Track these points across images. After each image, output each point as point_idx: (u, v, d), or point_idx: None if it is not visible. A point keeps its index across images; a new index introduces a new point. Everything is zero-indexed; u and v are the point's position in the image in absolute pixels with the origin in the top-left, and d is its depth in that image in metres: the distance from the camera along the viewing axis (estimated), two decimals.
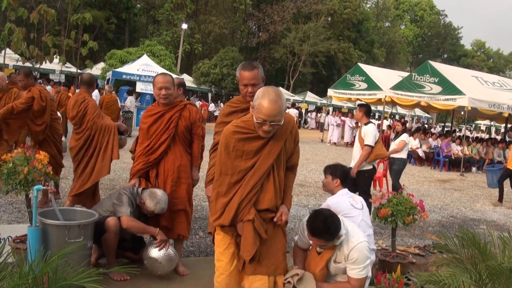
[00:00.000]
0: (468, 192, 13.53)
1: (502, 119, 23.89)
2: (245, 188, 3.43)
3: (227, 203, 3.46)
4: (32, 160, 4.42)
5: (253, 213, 3.41)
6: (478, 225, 9.11)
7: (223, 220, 3.46)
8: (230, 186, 3.46)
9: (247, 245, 3.40)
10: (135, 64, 23.77)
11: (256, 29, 56.44)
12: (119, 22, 46.00)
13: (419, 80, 19.64)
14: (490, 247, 4.21)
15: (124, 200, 4.62)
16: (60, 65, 21.37)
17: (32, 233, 3.96)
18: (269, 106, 3.25)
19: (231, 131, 3.47)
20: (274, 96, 3.28)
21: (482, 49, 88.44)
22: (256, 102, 3.31)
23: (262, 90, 3.34)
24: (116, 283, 4.44)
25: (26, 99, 6.64)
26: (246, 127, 3.48)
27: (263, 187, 3.47)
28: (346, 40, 54.28)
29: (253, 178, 3.43)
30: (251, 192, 3.43)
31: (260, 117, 3.28)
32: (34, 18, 13.55)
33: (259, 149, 3.46)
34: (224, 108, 4.45)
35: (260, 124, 3.31)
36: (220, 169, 3.50)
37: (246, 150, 3.45)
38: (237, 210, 3.42)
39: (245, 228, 3.40)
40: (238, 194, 3.43)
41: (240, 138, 3.44)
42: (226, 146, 3.46)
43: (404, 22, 77.67)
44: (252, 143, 3.45)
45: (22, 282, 2.65)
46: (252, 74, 4.10)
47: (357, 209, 4.76)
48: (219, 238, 3.60)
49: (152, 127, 4.87)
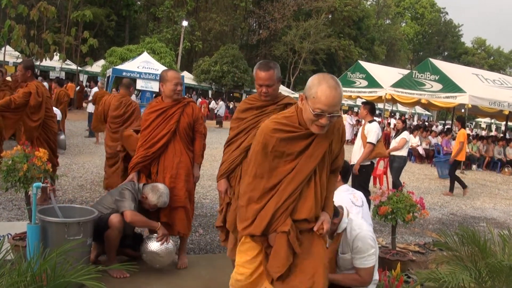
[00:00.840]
0: (468, 190, 13.52)
1: (503, 116, 23.89)
2: (282, 194, 2.97)
3: (259, 210, 3.01)
4: (31, 157, 4.41)
5: (289, 223, 2.96)
6: (478, 223, 9.10)
7: (253, 229, 3.03)
8: (264, 191, 3.01)
9: (278, 260, 2.97)
10: (135, 61, 23.77)
11: (256, 26, 56.39)
12: (119, 19, 45.97)
13: (420, 78, 19.64)
14: (490, 245, 4.21)
15: (127, 195, 4.62)
16: (60, 62, 21.42)
17: (32, 230, 3.96)
18: (329, 94, 2.78)
19: (271, 128, 2.99)
20: (333, 82, 2.82)
21: (482, 47, 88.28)
22: (311, 91, 2.83)
23: (317, 77, 2.88)
24: (115, 281, 4.44)
25: (24, 93, 6.62)
26: (289, 124, 3.01)
27: (302, 194, 3.01)
28: (347, 37, 54.27)
29: (292, 183, 2.97)
30: (289, 200, 2.97)
31: (318, 107, 2.79)
32: (34, 15, 13.57)
33: (302, 150, 3.00)
34: (241, 104, 4.45)
35: (317, 117, 2.82)
36: (255, 171, 3.03)
37: (288, 151, 2.99)
38: (271, 219, 2.97)
39: (278, 241, 2.97)
40: (274, 201, 2.98)
41: (282, 138, 2.97)
42: (264, 146, 2.99)
43: (404, 20, 77.59)
44: (296, 143, 2.99)
45: (21, 279, 2.64)
46: (267, 74, 4.07)
47: (357, 206, 4.76)
48: (247, 245, 3.19)
49: (154, 122, 4.87)
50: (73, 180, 8.82)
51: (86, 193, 7.93)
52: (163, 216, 4.83)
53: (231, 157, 4.23)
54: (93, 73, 35.17)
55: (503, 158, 20.14)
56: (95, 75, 34.16)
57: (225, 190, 4.29)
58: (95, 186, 8.52)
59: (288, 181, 2.96)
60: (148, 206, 4.68)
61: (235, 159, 4.20)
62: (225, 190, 4.30)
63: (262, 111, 4.21)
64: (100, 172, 9.74)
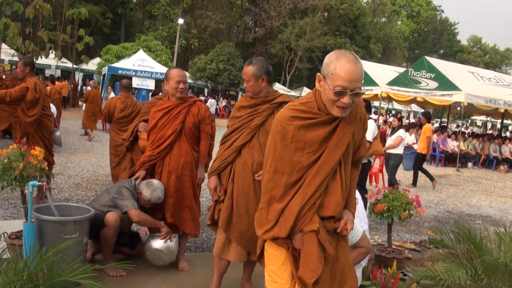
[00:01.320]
0: (464, 188, 13.56)
1: (498, 114, 23.93)
2: (307, 190, 2.69)
3: (282, 209, 2.72)
4: (27, 156, 4.40)
5: (317, 221, 2.69)
6: (474, 220, 9.13)
7: (278, 231, 2.73)
8: (287, 188, 2.73)
9: (311, 263, 2.67)
10: (131, 59, 23.77)
11: (252, 24, 56.31)
12: (115, 17, 45.83)
13: (416, 76, 19.65)
14: (486, 243, 4.22)
15: (126, 194, 4.63)
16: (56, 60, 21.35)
17: (28, 229, 3.95)
18: (349, 68, 2.55)
19: (288, 116, 2.73)
20: (352, 57, 2.60)
21: (478, 45, 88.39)
22: (329, 68, 2.61)
23: (335, 53, 2.67)
24: (111, 279, 4.43)
25: (21, 88, 6.61)
26: (307, 110, 2.75)
27: (328, 188, 2.74)
28: (343, 35, 54.24)
29: (318, 177, 2.69)
30: (315, 195, 2.69)
31: (339, 84, 2.56)
32: (30, 13, 13.53)
33: (325, 138, 2.72)
34: (238, 102, 4.41)
35: (338, 95, 2.58)
36: (275, 166, 2.75)
37: (309, 141, 2.70)
38: (296, 218, 2.69)
39: (307, 241, 2.69)
40: (298, 198, 2.70)
41: (301, 125, 2.70)
42: (282, 137, 2.72)
43: (400, 18, 77.60)
44: (317, 130, 2.71)
45: (17, 278, 2.64)
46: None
47: None
48: (272, 251, 2.87)
49: (160, 121, 4.82)
50: (69, 179, 8.81)
51: (82, 192, 7.92)
52: (169, 217, 4.78)
53: (223, 155, 4.18)
54: (88, 71, 35.09)
55: (498, 156, 20.21)
56: (91, 73, 34.11)
57: (214, 187, 4.23)
58: (91, 185, 8.51)
59: (313, 175, 2.70)
60: (142, 201, 4.68)
61: (227, 157, 4.15)
62: (214, 188, 4.23)
63: (255, 110, 4.16)
64: (96, 170, 9.73)
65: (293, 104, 2.82)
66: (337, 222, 2.78)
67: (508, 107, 18.96)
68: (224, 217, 4.12)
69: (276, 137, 2.75)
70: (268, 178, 2.77)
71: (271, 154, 2.77)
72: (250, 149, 4.11)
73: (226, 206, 4.12)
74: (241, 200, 4.10)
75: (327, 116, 2.71)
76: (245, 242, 4.11)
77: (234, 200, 4.12)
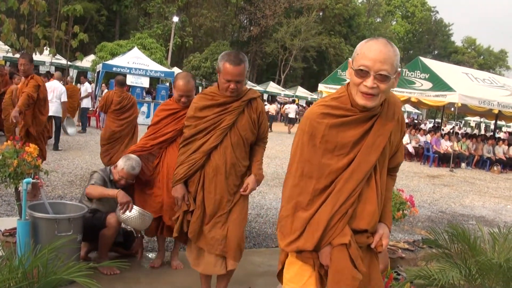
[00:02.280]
0: (457, 188, 13.60)
1: (492, 115, 24.05)
2: (338, 197, 2.39)
3: (309, 218, 2.42)
4: (21, 153, 4.38)
5: (348, 233, 2.38)
6: (467, 221, 9.16)
7: (304, 243, 2.42)
8: (315, 195, 2.44)
9: (343, 282, 2.36)
10: (126, 56, 23.65)
11: (247, 23, 56.31)
12: (109, 14, 45.74)
13: (410, 76, 19.71)
14: (480, 243, 4.24)
15: (94, 176, 4.70)
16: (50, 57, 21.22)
17: (22, 226, 3.93)
18: (376, 47, 2.29)
19: (318, 113, 2.44)
20: (383, 39, 2.35)
21: (472, 46, 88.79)
22: (356, 50, 2.38)
23: (367, 38, 2.41)
24: (105, 277, 4.42)
25: (34, 86, 6.62)
26: (340, 106, 2.45)
27: (361, 196, 2.43)
28: (337, 35, 54.38)
29: (350, 182, 2.40)
30: (347, 202, 2.39)
31: (362, 63, 2.29)
32: (25, 9, 13.45)
33: (359, 139, 2.44)
34: (198, 100, 3.92)
35: (361, 76, 2.31)
36: (301, 170, 2.46)
37: (341, 142, 2.42)
38: (325, 229, 2.39)
39: (336, 257, 2.38)
40: (328, 205, 2.40)
41: (332, 124, 2.41)
42: (311, 136, 2.43)
43: (395, 18, 77.81)
44: (350, 130, 2.43)
45: (12, 276, 2.63)
46: (238, 69, 3.68)
47: None
48: (294, 268, 2.56)
49: (163, 120, 4.69)
50: (62, 176, 8.78)
51: (76, 189, 7.89)
52: (167, 219, 4.58)
53: (190, 160, 3.81)
54: (83, 68, 34.97)
55: (492, 156, 20.29)
56: (85, 70, 33.99)
57: (182, 196, 3.88)
58: (85, 182, 8.47)
59: (345, 180, 2.40)
60: (117, 176, 4.67)
61: (195, 162, 3.79)
62: (182, 197, 3.88)
63: (225, 109, 3.81)
64: (90, 168, 9.69)
65: (323, 100, 2.53)
66: (371, 236, 2.48)
67: (502, 108, 19.05)
68: (195, 228, 3.85)
69: (304, 137, 2.47)
70: (294, 183, 2.48)
71: (297, 156, 2.49)
72: (222, 150, 3.79)
73: (197, 216, 3.84)
74: (213, 207, 3.83)
75: (362, 113, 2.43)
76: (221, 247, 3.84)
77: (206, 208, 3.84)
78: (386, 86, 2.31)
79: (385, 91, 2.33)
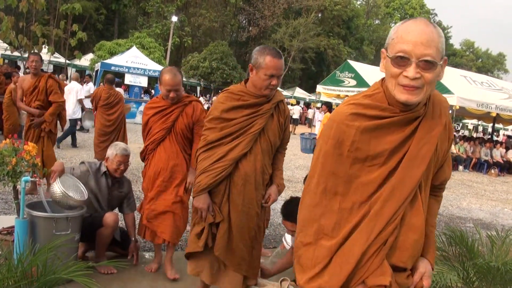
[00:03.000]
0: (454, 190, 13.61)
1: (490, 118, 24.05)
2: (374, 222, 1.89)
3: (336, 248, 1.93)
4: (20, 151, 4.37)
5: (388, 271, 1.88)
6: (464, 223, 9.17)
7: (329, 280, 1.92)
8: (342, 216, 1.94)
9: None
10: (124, 55, 23.64)
11: (246, 23, 56.35)
12: (108, 13, 45.75)
13: None
14: (477, 246, 4.24)
15: (78, 166, 4.73)
16: (49, 55, 21.23)
17: (20, 225, 3.92)
18: (415, 28, 1.82)
19: (347, 114, 1.95)
20: (423, 19, 1.88)
21: (471, 49, 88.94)
22: (390, 35, 1.92)
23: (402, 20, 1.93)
24: (103, 276, 4.41)
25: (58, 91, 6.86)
26: (373, 104, 1.97)
27: (403, 221, 1.92)
28: (336, 36, 54.44)
29: (391, 203, 1.89)
30: (387, 230, 1.88)
31: (400, 49, 1.83)
32: (24, 7, 13.45)
33: (398, 147, 1.93)
34: (224, 99, 3.50)
35: (400, 65, 1.84)
36: (324, 185, 1.98)
37: (375, 150, 1.92)
38: (357, 264, 1.88)
39: None
40: (362, 233, 1.90)
41: (365, 128, 1.92)
42: (338, 143, 1.94)
43: (394, 20, 77.87)
44: (387, 135, 1.93)
45: (11, 275, 2.62)
46: (280, 62, 3.37)
47: None
48: None
49: (151, 118, 4.48)
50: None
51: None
52: (144, 219, 4.47)
53: (216, 169, 3.38)
54: (81, 66, 34.94)
55: (489, 159, 20.31)
56: (83, 69, 33.97)
57: (207, 207, 3.44)
58: None
59: (384, 199, 1.89)
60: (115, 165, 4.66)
61: (222, 171, 3.38)
62: (207, 207, 3.44)
63: (256, 111, 3.44)
64: None
65: (353, 98, 2.05)
66: (410, 276, 1.98)
67: (500, 111, 19.07)
68: (222, 244, 3.48)
69: (328, 144, 1.98)
70: (314, 201, 2.00)
71: (318, 168, 2.01)
72: (252, 157, 3.44)
73: (224, 231, 3.48)
74: (240, 221, 3.48)
75: (402, 114, 1.94)
76: (245, 268, 3.57)
77: (233, 222, 3.48)
78: (431, 75, 1.84)
79: (430, 82, 1.85)
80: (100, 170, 4.71)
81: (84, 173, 4.63)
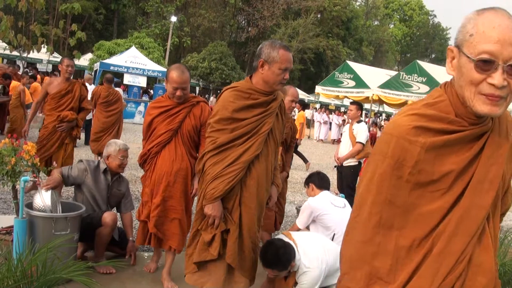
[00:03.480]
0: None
1: None
2: (439, 263, 1.56)
3: None
4: (19, 151, 4.37)
5: None
6: None
7: None
8: (400, 257, 1.61)
9: None
10: (123, 55, 23.63)
11: (245, 23, 56.30)
12: (108, 13, 45.68)
13: (407, 79, 19.78)
14: None
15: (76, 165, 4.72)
16: (48, 54, 21.23)
17: (19, 224, 3.93)
18: (501, 22, 1.46)
19: (409, 127, 1.59)
20: (503, 10, 1.51)
21: None
22: (465, 29, 1.54)
23: (476, 10, 1.56)
24: (102, 276, 4.41)
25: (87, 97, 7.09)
26: (440, 116, 1.61)
27: (471, 262, 1.58)
28: (335, 37, 54.43)
29: (457, 239, 1.56)
30: (454, 272, 1.56)
31: (484, 49, 1.46)
32: (23, 6, 13.46)
33: (465, 169, 1.59)
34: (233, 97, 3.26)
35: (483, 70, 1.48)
36: (378, 217, 1.63)
37: (439, 172, 1.57)
38: None
39: None
40: (425, 277, 1.57)
41: (431, 144, 1.57)
42: (397, 164, 1.59)
43: (393, 21, 77.96)
44: (453, 154, 1.58)
45: (11, 275, 2.62)
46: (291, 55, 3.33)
47: (338, 207, 4.78)
48: None
49: (155, 119, 4.26)
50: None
51: (72, 188, 7.86)
52: (153, 227, 4.24)
53: (229, 173, 3.18)
54: (80, 66, 34.86)
55: None
56: (82, 68, 33.91)
57: (221, 214, 3.27)
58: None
59: (450, 235, 1.55)
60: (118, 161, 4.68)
61: (236, 175, 3.19)
62: (221, 215, 3.27)
63: (266, 110, 3.27)
64: None
65: (413, 107, 1.68)
66: None
67: None
68: (234, 249, 3.32)
69: (384, 165, 1.62)
70: (365, 237, 1.65)
71: (371, 196, 1.64)
72: (263, 158, 3.29)
73: (236, 237, 3.32)
74: (250, 225, 3.36)
75: (471, 128, 1.60)
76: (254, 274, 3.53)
77: (243, 227, 3.34)
78: None
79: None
80: (99, 168, 4.71)
81: (82, 171, 4.65)
